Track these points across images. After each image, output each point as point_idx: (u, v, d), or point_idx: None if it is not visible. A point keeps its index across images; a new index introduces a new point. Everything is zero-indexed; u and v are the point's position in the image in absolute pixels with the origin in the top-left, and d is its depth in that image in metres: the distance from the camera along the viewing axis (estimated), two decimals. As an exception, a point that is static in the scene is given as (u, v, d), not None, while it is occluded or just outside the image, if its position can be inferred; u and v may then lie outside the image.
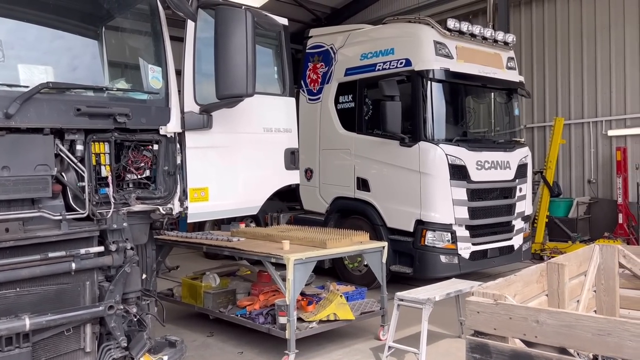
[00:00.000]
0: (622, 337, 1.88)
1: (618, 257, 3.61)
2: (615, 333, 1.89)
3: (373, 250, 5.56)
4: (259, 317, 5.30)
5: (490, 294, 2.24)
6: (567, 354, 2.02)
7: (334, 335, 5.68)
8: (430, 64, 7.29)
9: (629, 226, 10.13)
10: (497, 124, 8.77)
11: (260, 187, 4.57)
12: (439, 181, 7.13)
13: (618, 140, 10.87)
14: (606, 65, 11.03)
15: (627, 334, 1.88)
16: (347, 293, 5.79)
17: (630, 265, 3.57)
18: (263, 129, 4.58)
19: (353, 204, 8.16)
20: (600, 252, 3.65)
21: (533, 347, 2.10)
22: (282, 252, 4.98)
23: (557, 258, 3.11)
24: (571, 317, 2.00)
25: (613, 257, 3.62)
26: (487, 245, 7.64)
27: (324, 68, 8.72)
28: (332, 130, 8.46)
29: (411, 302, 4.85)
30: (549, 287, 2.99)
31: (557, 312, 2.04)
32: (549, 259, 9.87)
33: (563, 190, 11.44)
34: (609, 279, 3.63)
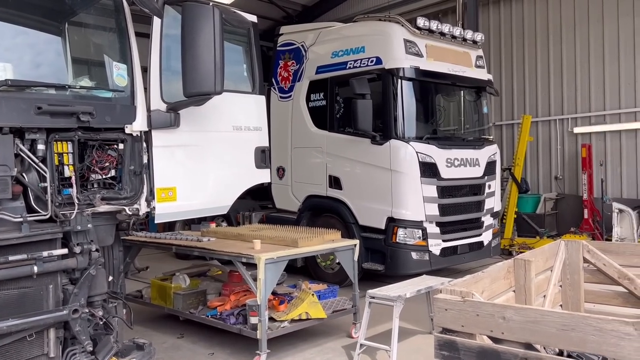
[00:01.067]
0: (585, 331, 1.92)
1: (583, 252, 3.69)
2: (579, 328, 1.93)
3: (345, 249, 5.57)
4: (230, 318, 5.25)
5: (457, 291, 2.25)
6: (533, 350, 2.05)
7: (306, 334, 5.66)
8: (400, 62, 7.33)
9: (594, 221, 10.40)
10: (467, 122, 8.88)
11: (230, 187, 4.52)
12: (409, 179, 7.18)
13: (583, 137, 11.14)
14: (572, 64, 11.28)
15: (590, 329, 1.91)
16: (319, 292, 5.78)
17: (594, 260, 3.65)
18: (233, 128, 4.53)
19: (325, 202, 8.16)
20: (565, 248, 3.73)
21: (500, 343, 2.12)
22: (253, 251, 4.93)
23: (523, 254, 3.16)
24: (536, 313, 2.03)
25: (578, 252, 3.70)
26: (457, 241, 7.74)
27: (295, 66, 8.68)
28: (304, 129, 8.44)
29: (382, 300, 4.87)
30: (516, 283, 3.03)
31: (522, 308, 2.06)
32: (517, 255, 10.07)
33: (531, 187, 11.67)
34: (574, 273, 3.71)
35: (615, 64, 10.64)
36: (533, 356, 2.01)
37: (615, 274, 3.58)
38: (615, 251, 3.64)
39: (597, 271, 3.66)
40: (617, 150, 10.69)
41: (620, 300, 3.61)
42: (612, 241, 9.77)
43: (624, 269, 3.57)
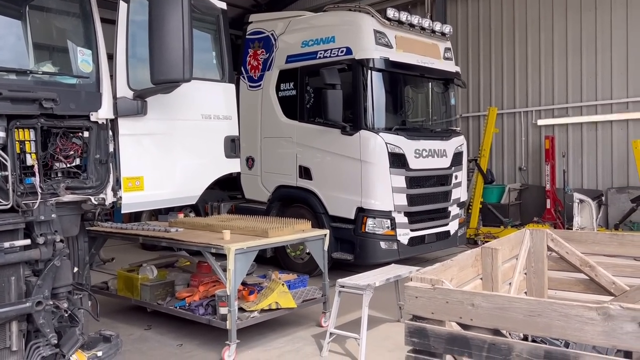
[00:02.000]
0: (551, 317, 1.97)
1: (547, 240, 3.79)
2: (545, 313, 1.98)
3: (315, 239, 5.57)
4: (198, 309, 5.20)
5: (427, 279, 2.28)
6: (500, 335, 2.09)
7: (275, 323, 5.67)
8: (370, 52, 7.35)
9: (556, 211, 10.70)
10: (435, 113, 8.99)
11: (199, 176, 4.46)
12: (378, 169, 7.24)
13: (547, 129, 11.42)
14: (536, 57, 11.53)
15: (555, 314, 1.97)
16: (289, 281, 5.78)
17: (557, 248, 3.75)
18: (201, 116, 4.47)
19: (295, 193, 8.15)
20: (530, 236, 3.82)
21: (469, 329, 2.16)
22: (222, 242, 4.89)
23: (490, 243, 3.22)
24: (504, 299, 2.07)
25: (542, 240, 3.80)
26: (425, 231, 7.86)
27: (265, 55, 8.60)
28: (274, 118, 8.39)
29: (352, 289, 4.90)
30: (483, 271, 3.09)
31: (490, 295, 2.11)
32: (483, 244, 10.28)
33: (496, 177, 11.92)
34: (538, 261, 3.81)
35: (577, 58, 10.92)
36: (500, 342, 2.05)
37: (577, 262, 3.69)
38: (578, 239, 3.76)
39: (560, 259, 3.77)
40: (578, 142, 11.01)
41: (581, 287, 3.73)
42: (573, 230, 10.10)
43: (586, 257, 3.69)
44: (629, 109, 10.32)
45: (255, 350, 5.09)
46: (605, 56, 10.57)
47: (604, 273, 3.61)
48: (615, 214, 10.22)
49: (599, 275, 3.62)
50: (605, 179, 10.69)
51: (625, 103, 10.36)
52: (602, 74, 10.61)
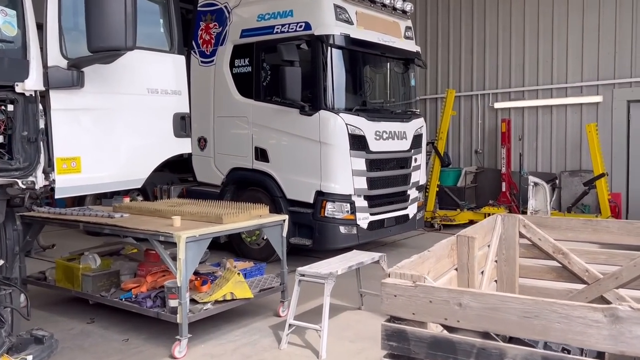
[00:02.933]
0: (550, 319, 1.74)
1: (519, 227, 3.61)
2: (543, 315, 1.75)
3: (273, 224, 5.25)
4: (146, 301, 4.80)
5: (407, 274, 2.01)
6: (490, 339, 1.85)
7: (231, 314, 5.33)
8: (330, 28, 7.00)
9: (511, 194, 10.78)
10: (394, 94, 8.77)
11: (145, 158, 4.04)
12: (339, 151, 6.95)
13: (503, 112, 11.45)
14: (494, 40, 11.49)
15: (554, 316, 1.73)
16: (244, 270, 5.45)
17: (530, 234, 3.58)
18: (147, 90, 4.03)
19: (251, 175, 7.76)
20: (502, 223, 3.64)
21: (455, 332, 1.91)
22: (172, 229, 4.49)
23: (465, 230, 2.99)
24: (496, 299, 1.83)
25: (514, 227, 3.62)
26: (384, 215, 7.67)
27: (218, 28, 8.10)
28: (228, 96, 7.93)
29: (313, 277, 4.62)
30: (458, 261, 2.86)
31: (481, 294, 1.86)
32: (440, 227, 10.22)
33: (452, 160, 11.91)
34: (510, 248, 3.63)
35: (534, 41, 10.94)
36: (491, 346, 1.81)
37: (550, 249, 3.54)
38: (551, 225, 3.60)
39: (532, 246, 3.61)
40: (533, 125, 11.09)
41: (553, 275, 3.59)
42: (527, 213, 10.19)
43: (559, 243, 3.54)
44: (583, 93, 10.44)
45: (209, 344, 4.75)
46: (561, 40, 10.63)
47: (577, 260, 3.47)
48: (567, 197, 10.39)
49: (572, 263, 3.47)
50: (559, 163, 10.83)
51: (580, 87, 10.48)
52: (558, 58, 10.68)
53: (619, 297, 3.34)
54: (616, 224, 3.40)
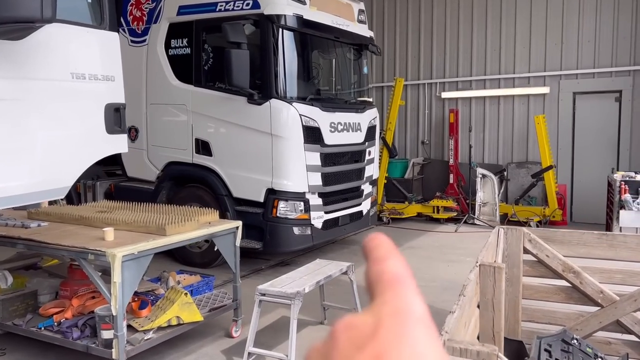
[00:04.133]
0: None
1: (524, 241, 3.13)
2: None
3: (225, 233, 4.52)
4: (72, 331, 3.95)
5: (473, 351, 1.42)
6: None
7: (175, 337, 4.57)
8: (281, 8, 6.27)
9: (459, 186, 10.56)
10: (347, 83, 8.18)
11: (69, 160, 3.21)
12: (292, 145, 6.29)
13: (450, 102, 11.19)
14: (442, 28, 11.17)
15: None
16: (191, 286, 4.69)
17: (536, 250, 3.12)
18: (71, 75, 3.18)
19: (191, 171, 6.93)
20: (505, 237, 3.14)
21: None
22: (104, 244, 3.67)
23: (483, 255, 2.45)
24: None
25: (519, 241, 3.15)
26: (339, 212, 7.11)
27: (151, 4, 7.13)
28: (163, 81, 7.02)
29: (276, 297, 3.97)
30: (481, 297, 2.32)
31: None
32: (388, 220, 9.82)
33: (399, 151, 11.55)
34: (513, 267, 3.16)
35: (482, 31, 10.72)
36: None
37: (559, 267, 3.09)
38: (560, 240, 3.16)
39: (539, 263, 3.15)
40: (481, 116, 10.91)
41: (562, 296, 3.15)
42: (475, 206, 10.03)
43: (569, 260, 3.10)
44: (530, 84, 10.35)
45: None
46: (509, 31, 10.46)
47: (590, 280, 3.05)
48: (515, 189, 10.31)
49: (584, 283, 3.05)
50: (506, 154, 10.73)
51: (527, 78, 10.37)
52: (506, 48, 10.51)
53: (637, 322, 2.94)
54: (635, 239, 3.00)
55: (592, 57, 9.77)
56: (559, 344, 2.80)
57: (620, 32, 9.52)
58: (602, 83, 9.75)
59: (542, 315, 3.19)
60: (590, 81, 9.86)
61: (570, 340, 2.84)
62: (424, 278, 6.47)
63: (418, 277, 6.48)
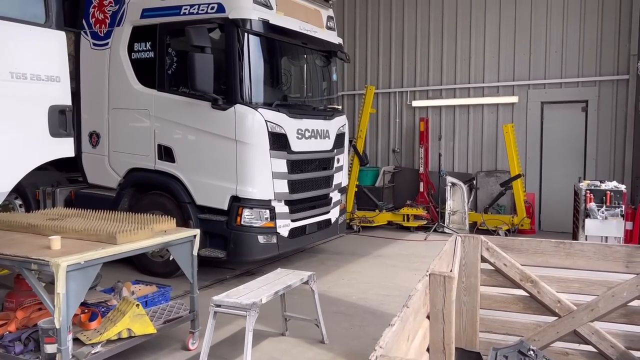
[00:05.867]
0: None
1: (481, 250, 3.07)
2: None
3: (181, 241, 4.36)
4: (14, 345, 3.74)
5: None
6: None
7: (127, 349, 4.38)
8: (247, 12, 6.17)
9: (429, 194, 10.56)
10: (315, 89, 8.10)
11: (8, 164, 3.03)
12: (257, 151, 6.16)
13: (421, 111, 11.21)
14: (412, 36, 11.20)
15: None
16: (145, 297, 4.51)
17: (493, 259, 3.06)
18: (11, 75, 3.02)
19: (153, 177, 6.73)
20: (462, 245, 3.07)
21: None
22: (48, 253, 3.48)
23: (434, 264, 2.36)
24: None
25: (476, 250, 3.08)
26: (306, 220, 7.00)
27: (114, 6, 6.95)
28: (126, 86, 6.83)
29: (232, 309, 3.83)
30: (431, 308, 2.23)
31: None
32: (359, 229, 9.74)
33: (370, 159, 11.52)
34: (471, 275, 3.09)
35: (452, 39, 10.78)
36: None
37: (517, 276, 3.04)
38: (518, 248, 3.10)
39: (496, 272, 3.08)
40: (450, 125, 10.95)
41: (520, 306, 3.09)
42: (445, 214, 10.02)
43: (527, 269, 3.04)
44: (499, 93, 10.43)
45: (99, 395, 3.80)
46: (478, 40, 10.55)
47: (547, 290, 2.99)
48: (484, 198, 10.34)
49: (542, 292, 2.99)
50: (475, 163, 10.78)
51: (496, 87, 10.45)
52: (476, 57, 10.59)
53: (595, 332, 2.89)
54: (592, 248, 2.96)
55: (560, 67, 9.90)
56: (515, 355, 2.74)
57: (586, 42, 9.67)
58: (569, 93, 9.88)
59: (500, 325, 3.12)
60: (557, 91, 9.98)
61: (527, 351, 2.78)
62: (387, 287, 6.39)
63: (382, 286, 6.39)
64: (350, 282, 6.70)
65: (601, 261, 2.91)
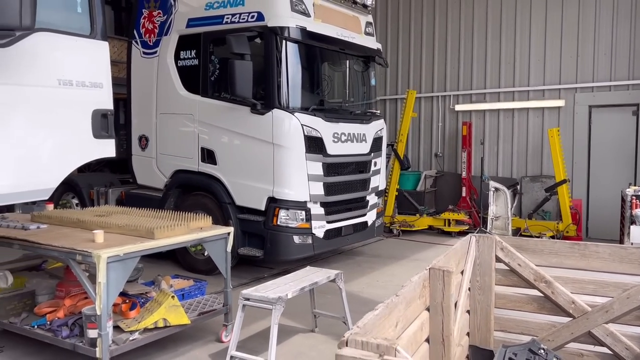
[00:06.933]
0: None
1: (495, 250, 3.12)
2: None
3: (215, 238, 4.60)
4: (62, 329, 4.08)
5: (373, 343, 1.45)
6: None
7: (164, 339, 4.66)
8: (285, 20, 6.40)
9: (472, 199, 10.46)
10: (354, 94, 8.24)
11: (55, 163, 3.35)
12: (293, 154, 6.37)
13: (464, 115, 11.13)
14: (456, 41, 11.16)
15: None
16: (182, 290, 4.79)
17: (508, 259, 3.10)
18: (58, 82, 3.33)
19: (197, 179, 7.07)
20: (476, 245, 3.13)
21: None
22: (92, 246, 3.79)
23: (438, 260, 2.46)
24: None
25: (490, 250, 3.13)
26: (342, 222, 7.14)
27: (162, 17, 7.36)
28: (172, 92, 7.21)
29: (259, 302, 4.02)
30: (431, 301, 2.33)
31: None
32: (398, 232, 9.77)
33: (412, 164, 11.52)
34: (485, 275, 3.14)
35: (497, 43, 10.66)
36: None
37: (531, 276, 3.07)
38: (532, 249, 3.13)
39: (511, 272, 3.13)
40: (494, 129, 10.81)
41: (534, 306, 3.12)
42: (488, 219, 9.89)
43: (541, 270, 3.06)
44: (545, 97, 10.22)
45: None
46: (523, 43, 10.38)
47: (562, 290, 3.01)
48: (528, 203, 10.15)
49: (556, 293, 3.01)
50: (520, 168, 10.59)
51: (542, 91, 10.25)
52: (521, 61, 10.43)
53: (609, 334, 2.89)
54: (607, 249, 2.96)
55: (609, 70, 9.61)
56: (524, 354, 2.78)
57: (637, 44, 9.34)
58: (618, 96, 9.56)
59: (514, 325, 3.16)
60: (606, 94, 9.68)
61: (537, 350, 2.82)
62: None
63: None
64: (385, 284, 6.78)
65: (616, 263, 2.90)
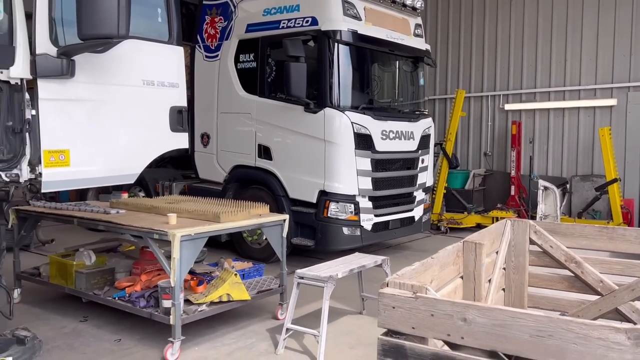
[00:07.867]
0: (566, 339, 1.55)
1: (529, 233, 3.41)
2: (558, 334, 1.55)
3: (273, 224, 5.07)
4: (139, 300, 4.64)
5: (408, 284, 1.82)
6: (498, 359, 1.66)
7: (227, 315, 5.16)
8: (337, 24, 6.82)
9: (520, 198, 10.53)
10: (402, 93, 8.56)
11: (139, 152, 3.88)
12: (343, 150, 6.77)
13: (513, 114, 11.20)
14: (506, 40, 11.25)
15: (571, 336, 1.54)
16: (243, 270, 5.28)
17: (541, 241, 3.38)
18: (143, 82, 3.87)
19: (254, 173, 7.59)
20: (511, 228, 3.43)
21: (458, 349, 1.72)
22: (167, 227, 4.33)
23: (472, 236, 2.80)
24: (505, 314, 1.64)
25: (524, 233, 3.42)
26: (389, 216, 7.47)
27: (223, 23, 7.94)
28: (232, 92, 7.77)
29: (312, 280, 4.44)
30: (464, 269, 2.67)
31: (488, 308, 1.67)
32: (446, 230, 9.98)
33: (460, 162, 11.67)
34: (519, 255, 3.43)
35: (547, 42, 10.69)
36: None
37: (562, 257, 3.33)
38: (564, 232, 3.39)
39: (543, 253, 3.40)
40: (544, 128, 10.84)
41: (565, 285, 3.38)
42: (536, 218, 9.94)
43: (571, 251, 3.33)
44: (596, 96, 10.18)
45: (203, 347, 4.58)
46: (575, 42, 10.37)
47: (590, 270, 3.26)
48: (578, 202, 10.13)
49: (585, 273, 3.27)
50: (570, 167, 10.57)
51: (593, 90, 10.21)
52: (572, 59, 10.42)
53: (635, 310, 3.13)
54: (634, 232, 3.19)
55: (664, 68, 9.48)
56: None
57: (694, 41, 9.19)
58: (674, 95, 9.42)
59: (546, 302, 3.42)
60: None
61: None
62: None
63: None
64: (430, 276, 7.06)
65: (643, 245, 3.13)
